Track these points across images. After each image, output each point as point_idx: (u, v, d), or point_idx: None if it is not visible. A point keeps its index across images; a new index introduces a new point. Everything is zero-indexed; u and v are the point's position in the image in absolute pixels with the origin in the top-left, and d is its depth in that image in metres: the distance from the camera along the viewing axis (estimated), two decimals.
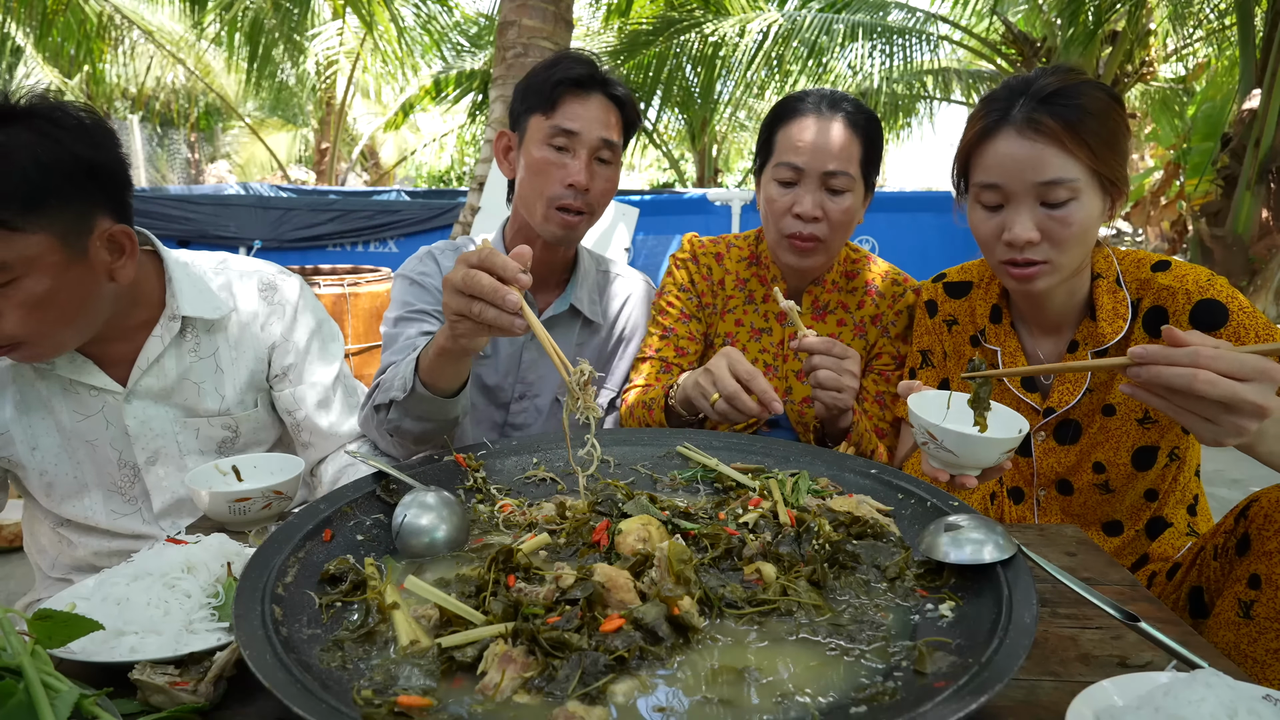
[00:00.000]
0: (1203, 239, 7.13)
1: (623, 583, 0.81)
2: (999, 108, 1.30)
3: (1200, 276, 1.30)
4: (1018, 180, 1.27)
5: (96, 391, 1.36)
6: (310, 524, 0.94)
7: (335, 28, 11.88)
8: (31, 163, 1.10)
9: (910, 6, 9.57)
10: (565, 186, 1.59)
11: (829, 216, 1.56)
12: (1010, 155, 1.28)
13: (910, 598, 0.87)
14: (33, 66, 11.00)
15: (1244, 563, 1.11)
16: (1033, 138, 1.26)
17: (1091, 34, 7.66)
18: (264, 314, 1.48)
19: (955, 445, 1.08)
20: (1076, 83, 1.27)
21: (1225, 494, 3.98)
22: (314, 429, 1.53)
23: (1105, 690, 0.70)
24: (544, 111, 1.60)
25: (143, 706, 0.72)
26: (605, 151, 1.62)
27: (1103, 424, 1.39)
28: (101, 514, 1.41)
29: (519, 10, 4.86)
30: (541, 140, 1.61)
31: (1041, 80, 1.28)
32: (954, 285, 1.57)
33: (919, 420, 1.12)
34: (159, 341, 1.37)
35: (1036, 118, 1.25)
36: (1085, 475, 1.42)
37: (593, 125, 1.59)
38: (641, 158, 20.46)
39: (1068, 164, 1.25)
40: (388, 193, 8.47)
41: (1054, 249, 1.28)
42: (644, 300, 1.90)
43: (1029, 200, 1.28)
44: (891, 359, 1.71)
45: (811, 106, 1.58)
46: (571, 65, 1.60)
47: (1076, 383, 1.39)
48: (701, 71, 10.14)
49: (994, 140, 1.30)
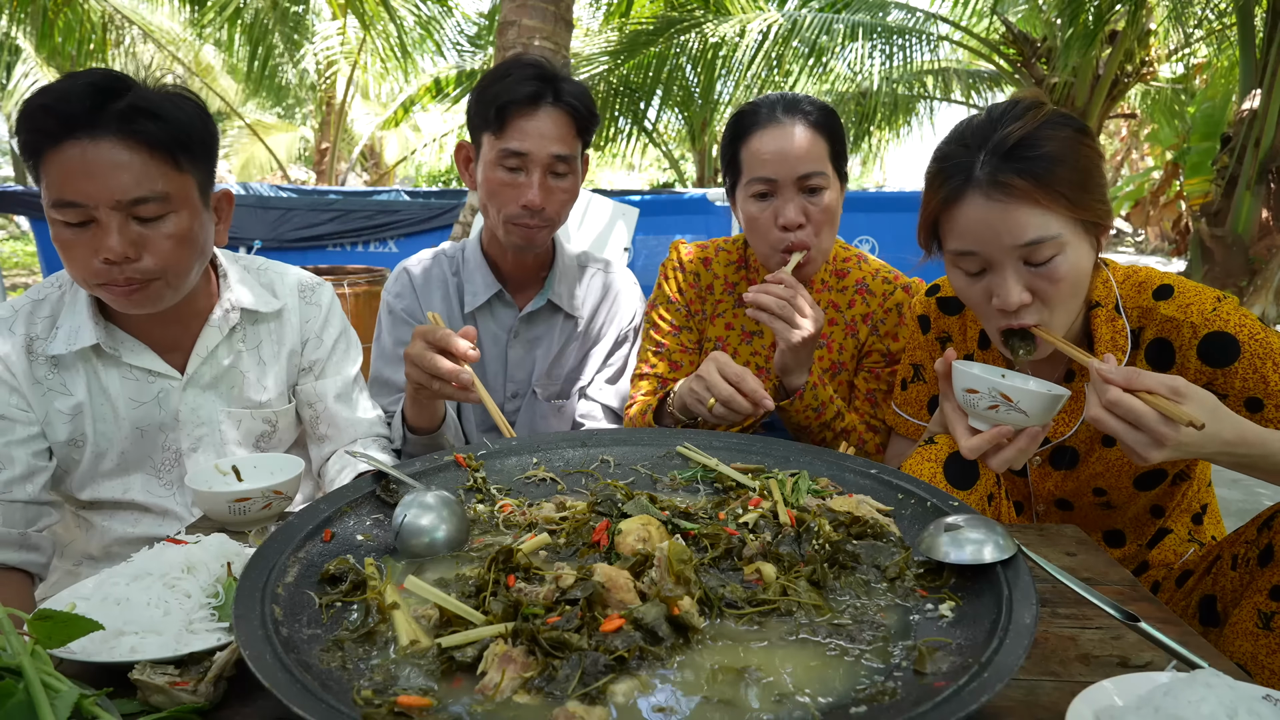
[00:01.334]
0: (1203, 239, 7.13)
1: (623, 583, 0.81)
2: (960, 167, 1.19)
3: (1205, 305, 1.21)
4: (995, 246, 1.17)
5: (155, 377, 1.42)
6: (310, 524, 0.94)
7: (335, 28, 11.87)
8: (183, 113, 1.28)
9: (910, 6, 9.56)
10: (520, 207, 1.60)
11: (812, 219, 1.56)
12: (982, 221, 1.17)
13: (910, 598, 0.87)
14: (31, 66, 11.00)
15: (1266, 573, 1.09)
16: (1002, 200, 1.15)
17: (1092, 34, 7.65)
18: (302, 312, 1.57)
19: (1030, 404, 1.07)
20: (1037, 127, 1.16)
21: (1226, 494, 3.98)
22: (332, 420, 1.58)
23: (1105, 690, 0.71)
24: (493, 132, 1.59)
25: (143, 706, 0.72)
26: (559, 165, 1.61)
27: (1101, 454, 1.34)
28: (139, 493, 1.46)
29: (519, 10, 4.86)
30: (494, 161, 1.60)
31: (1000, 131, 1.17)
32: (948, 301, 1.51)
33: (988, 383, 1.07)
34: (217, 331, 1.45)
35: (1002, 179, 1.14)
36: (1086, 498, 1.40)
37: (543, 143, 1.57)
38: (642, 158, 20.44)
39: (1046, 220, 1.14)
40: (388, 193, 8.46)
41: (1047, 308, 1.20)
42: (624, 294, 1.89)
43: (1012, 262, 1.18)
44: (882, 356, 1.71)
45: (769, 116, 1.57)
46: (516, 84, 1.57)
47: (1073, 412, 1.34)
48: (701, 71, 10.12)
49: (960, 206, 1.19)
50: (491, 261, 1.77)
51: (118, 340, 1.39)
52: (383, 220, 6.42)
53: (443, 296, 1.79)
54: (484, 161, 1.63)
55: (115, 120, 1.19)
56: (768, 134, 1.56)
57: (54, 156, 1.19)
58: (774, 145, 1.54)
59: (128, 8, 11.39)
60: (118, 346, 1.38)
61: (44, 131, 1.19)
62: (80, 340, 1.35)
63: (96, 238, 1.21)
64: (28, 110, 1.20)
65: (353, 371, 1.62)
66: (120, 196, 1.20)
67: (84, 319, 1.35)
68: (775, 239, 1.57)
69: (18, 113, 1.22)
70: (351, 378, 1.61)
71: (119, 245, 1.21)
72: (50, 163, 1.20)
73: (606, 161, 16.39)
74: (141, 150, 1.21)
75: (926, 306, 1.54)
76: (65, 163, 1.19)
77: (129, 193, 1.21)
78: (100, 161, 1.19)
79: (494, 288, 1.74)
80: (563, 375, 1.84)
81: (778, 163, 1.54)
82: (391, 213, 6.47)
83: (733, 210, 1.69)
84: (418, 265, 1.81)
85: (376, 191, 8.15)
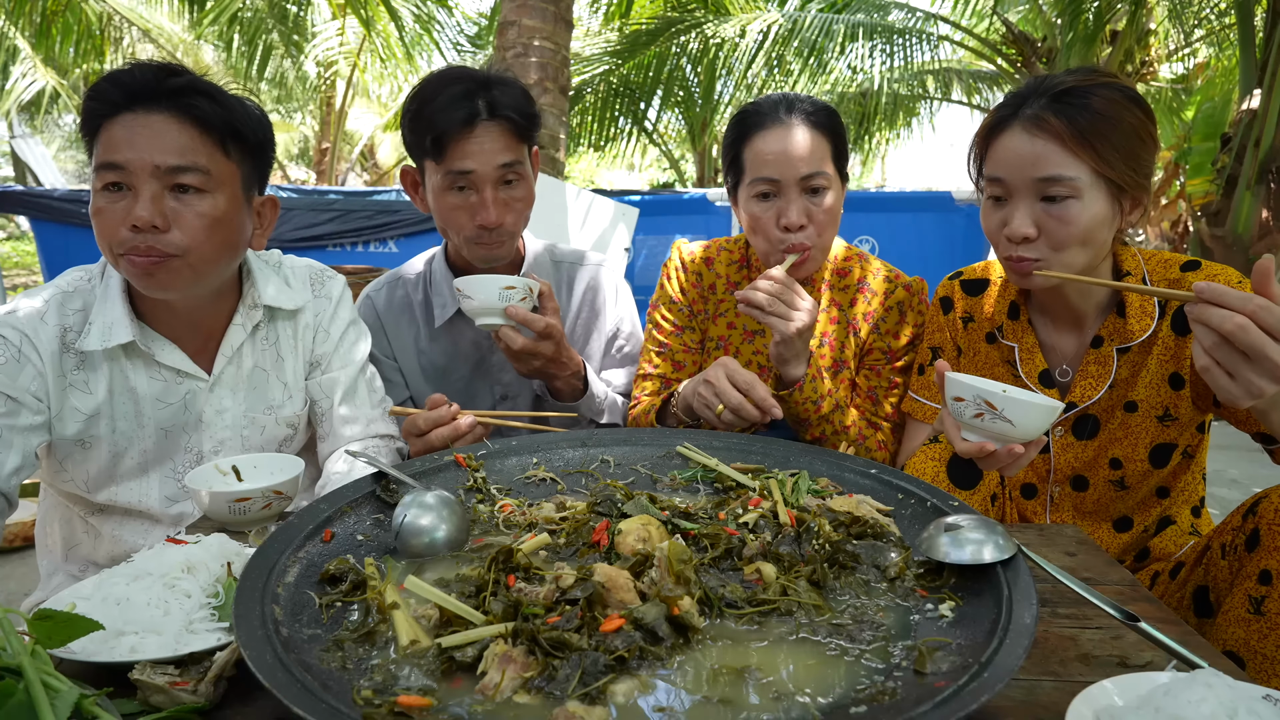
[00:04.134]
0: (1203, 239, 7.12)
1: (623, 583, 0.81)
2: (1012, 103, 1.32)
3: (1231, 277, 1.29)
4: (1019, 175, 1.29)
5: (183, 378, 1.42)
6: (310, 524, 0.94)
7: (335, 28, 11.87)
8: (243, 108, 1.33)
9: (910, 6, 9.55)
10: (477, 228, 1.58)
11: (814, 219, 1.56)
12: (1014, 151, 1.29)
13: (910, 598, 0.87)
14: (30, 66, 11.00)
15: (1254, 558, 1.11)
16: (1035, 134, 1.27)
17: (1093, 35, 7.65)
18: (313, 304, 1.57)
19: (1015, 414, 1.07)
20: (1092, 84, 1.27)
21: (1225, 493, 3.99)
22: (338, 416, 1.57)
23: (1105, 690, 0.70)
24: (434, 159, 1.56)
25: (143, 706, 0.72)
26: (508, 174, 1.58)
27: (1123, 419, 1.39)
28: (156, 499, 1.44)
29: (519, 10, 4.86)
30: (441, 187, 1.58)
31: (1058, 78, 1.29)
32: (971, 283, 1.57)
33: (974, 390, 1.09)
34: (241, 330, 1.45)
35: (1043, 116, 1.27)
36: (1102, 471, 1.42)
37: (487, 158, 1.54)
38: (642, 158, 20.44)
39: (1068, 162, 1.25)
40: (388, 193, 8.46)
41: (1050, 248, 1.29)
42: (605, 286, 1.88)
43: (1029, 196, 1.29)
44: (883, 354, 1.72)
45: (772, 117, 1.57)
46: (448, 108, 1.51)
47: (1100, 378, 1.38)
48: (702, 72, 10.12)
49: (1002, 135, 1.32)
50: (459, 273, 1.74)
51: (149, 338, 1.38)
52: (383, 220, 6.42)
53: (408, 320, 1.78)
54: (431, 188, 1.61)
55: (172, 94, 1.25)
56: (771, 134, 1.56)
57: (109, 126, 1.24)
58: (777, 146, 1.55)
59: (126, 7, 11.38)
60: (150, 344, 1.37)
61: (107, 101, 1.24)
62: (116, 337, 1.33)
63: (129, 205, 1.24)
64: (95, 86, 1.26)
65: (358, 366, 1.60)
66: (160, 162, 1.23)
67: (119, 314, 1.34)
68: (777, 239, 1.57)
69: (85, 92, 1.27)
70: (358, 370, 1.60)
71: (149, 213, 1.23)
72: (104, 132, 1.24)
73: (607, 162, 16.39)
74: (192, 126, 1.26)
75: (949, 289, 1.60)
76: (118, 130, 1.24)
77: (170, 159, 1.24)
78: (150, 128, 1.24)
79: None
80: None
81: (780, 163, 1.54)
82: (391, 213, 6.46)
83: (734, 210, 1.69)
84: (381, 291, 1.80)
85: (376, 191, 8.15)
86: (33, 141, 12.91)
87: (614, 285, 1.89)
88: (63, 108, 12.28)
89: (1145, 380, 1.35)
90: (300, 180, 16.64)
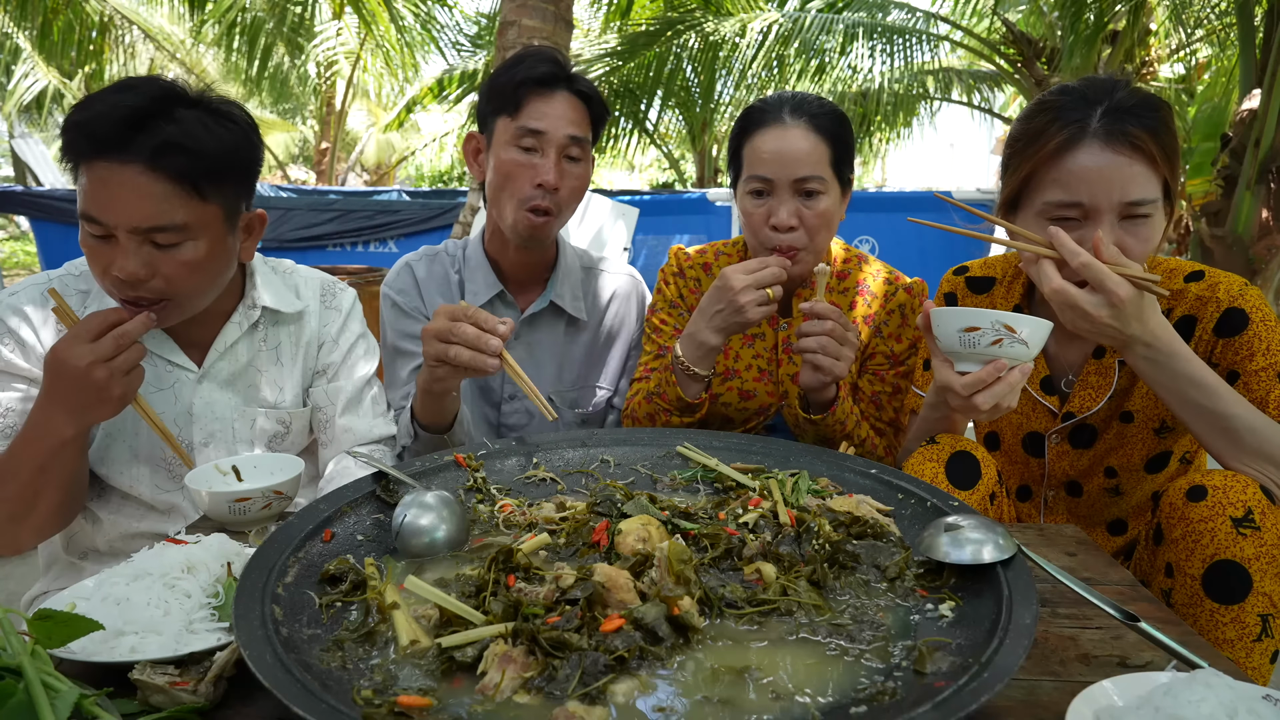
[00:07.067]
0: (1203, 239, 7.12)
1: (623, 583, 0.81)
2: (1076, 119, 1.24)
3: (1233, 286, 1.28)
4: (1104, 197, 1.21)
5: (173, 368, 1.44)
6: (310, 524, 0.94)
7: (335, 28, 11.87)
8: (220, 143, 1.29)
9: (911, 6, 9.55)
10: (535, 187, 1.59)
11: (805, 223, 1.56)
12: (1096, 170, 1.21)
13: (910, 598, 0.87)
14: (31, 65, 10.99)
15: (1161, 552, 1.15)
16: (1121, 151, 1.20)
17: (1093, 35, 7.65)
18: (322, 315, 1.59)
19: (1031, 333, 1.11)
20: (1149, 96, 1.24)
21: None
22: (339, 426, 1.58)
23: (1105, 690, 0.71)
24: (509, 113, 1.60)
25: (143, 706, 0.72)
26: (574, 149, 1.61)
27: (1120, 430, 1.38)
28: (146, 486, 1.46)
29: (519, 10, 4.86)
30: (509, 142, 1.60)
31: (1119, 92, 1.24)
32: (977, 280, 1.56)
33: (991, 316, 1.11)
34: (236, 328, 1.47)
35: (1127, 129, 1.20)
36: (1097, 479, 1.42)
37: (559, 123, 1.58)
38: (642, 157, 20.44)
39: (1151, 181, 1.21)
40: (388, 193, 8.46)
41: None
42: (633, 295, 1.90)
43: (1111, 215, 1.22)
44: (885, 358, 1.71)
45: (774, 116, 1.57)
46: (535, 64, 1.59)
47: (1100, 389, 1.38)
48: (702, 72, 10.11)
49: (1075, 153, 1.23)
50: (493, 261, 1.76)
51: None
52: (383, 220, 6.43)
53: (444, 294, 1.78)
54: (497, 144, 1.63)
55: (146, 151, 1.22)
56: (770, 134, 1.56)
57: (87, 169, 1.23)
58: (773, 145, 1.55)
59: (127, 8, 11.38)
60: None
61: (76, 149, 1.23)
62: None
63: (114, 254, 1.25)
64: (67, 124, 1.24)
65: (366, 375, 1.61)
66: (138, 224, 1.23)
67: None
68: (766, 237, 1.57)
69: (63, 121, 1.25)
70: (363, 383, 1.61)
71: (131, 267, 1.24)
72: (83, 174, 1.24)
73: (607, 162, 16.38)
74: (166, 181, 1.23)
75: (954, 285, 1.58)
76: (94, 179, 1.23)
77: (146, 221, 1.23)
78: (124, 186, 1.22)
79: (495, 288, 1.73)
80: (573, 380, 1.83)
81: (775, 163, 1.54)
82: (391, 213, 6.48)
83: (735, 204, 1.70)
84: (420, 261, 1.81)
85: (376, 191, 8.16)
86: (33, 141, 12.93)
87: (641, 296, 1.90)
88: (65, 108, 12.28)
89: (1143, 391, 1.35)
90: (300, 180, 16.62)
